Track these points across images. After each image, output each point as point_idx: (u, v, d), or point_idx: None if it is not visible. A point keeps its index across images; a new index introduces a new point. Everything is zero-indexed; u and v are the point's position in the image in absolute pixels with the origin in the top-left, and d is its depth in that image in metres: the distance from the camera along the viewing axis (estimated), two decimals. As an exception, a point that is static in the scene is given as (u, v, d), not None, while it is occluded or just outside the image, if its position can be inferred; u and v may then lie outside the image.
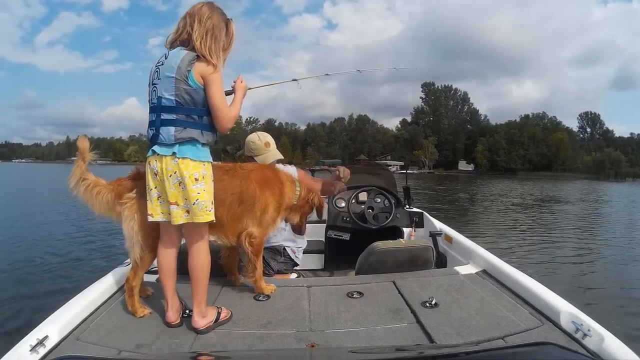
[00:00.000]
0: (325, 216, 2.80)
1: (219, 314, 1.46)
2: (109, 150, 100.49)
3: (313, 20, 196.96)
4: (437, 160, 73.76)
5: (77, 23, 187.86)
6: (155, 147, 1.41)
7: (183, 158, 1.38)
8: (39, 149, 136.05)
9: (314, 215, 1.99)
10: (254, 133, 2.35)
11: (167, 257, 1.50)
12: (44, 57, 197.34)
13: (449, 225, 2.74)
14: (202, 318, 1.41)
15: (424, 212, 2.95)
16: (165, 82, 1.39)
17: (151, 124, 1.44)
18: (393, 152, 71.65)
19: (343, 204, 2.83)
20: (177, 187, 1.39)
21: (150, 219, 1.44)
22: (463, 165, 74.75)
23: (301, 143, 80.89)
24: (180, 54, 1.40)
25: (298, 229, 1.93)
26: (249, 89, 1.60)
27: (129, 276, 1.53)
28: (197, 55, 1.39)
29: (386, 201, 2.84)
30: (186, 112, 1.39)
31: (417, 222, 2.86)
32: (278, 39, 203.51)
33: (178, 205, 1.40)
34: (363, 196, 2.85)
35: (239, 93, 1.54)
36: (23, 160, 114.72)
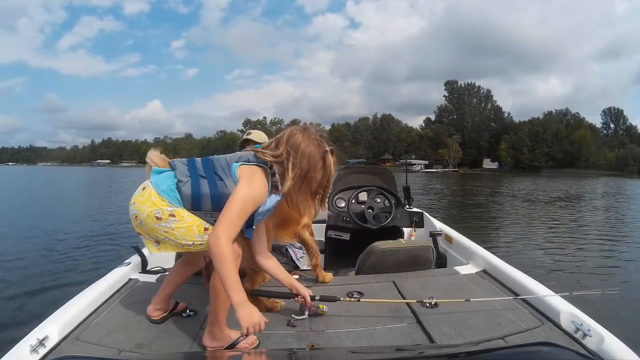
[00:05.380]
0: (325, 216, 2.80)
1: (237, 340, 1.30)
2: (134, 152, 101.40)
3: (336, 19, 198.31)
4: (461, 159, 73.72)
5: (99, 27, 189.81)
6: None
7: (149, 187, 1.24)
8: (63, 152, 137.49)
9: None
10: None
11: (182, 270, 1.51)
12: (66, 61, 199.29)
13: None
14: (212, 340, 1.30)
15: (424, 212, 2.95)
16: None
17: None
18: (417, 151, 71.60)
19: (343, 204, 2.83)
20: (133, 219, 1.27)
21: None
22: (487, 164, 74.61)
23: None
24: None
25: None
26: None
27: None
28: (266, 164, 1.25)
29: (386, 201, 2.84)
30: (203, 160, 1.27)
31: (417, 222, 2.86)
32: (301, 39, 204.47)
33: (144, 235, 1.28)
34: (363, 196, 2.85)
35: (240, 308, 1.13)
36: (48, 164, 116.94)
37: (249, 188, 1.19)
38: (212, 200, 1.21)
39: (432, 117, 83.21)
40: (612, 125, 77.47)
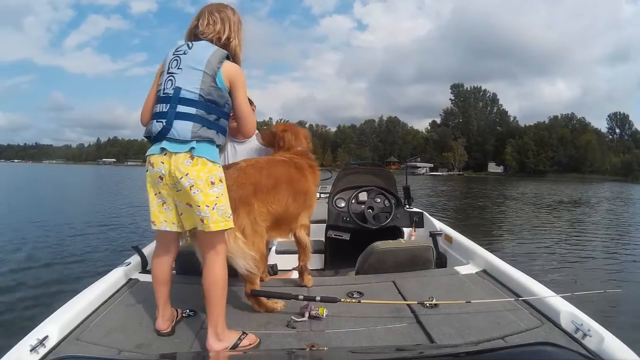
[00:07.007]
0: (325, 216, 2.80)
1: (240, 339, 1.30)
2: (140, 151, 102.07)
3: (343, 20, 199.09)
4: (466, 162, 73.84)
5: (106, 26, 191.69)
6: (165, 144, 1.27)
7: (199, 157, 1.26)
8: (69, 150, 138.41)
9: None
10: None
11: (162, 266, 1.42)
12: (73, 60, 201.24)
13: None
14: (218, 342, 1.27)
15: (424, 212, 2.95)
16: (188, 73, 1.29)
17: (159, 115, 1.29)
18: (423, 154, 71.55)
19: (343, 204, 2.83)
20: (187, 191, 1.25)
21: (152, 227, 1.35)
22: (492, 167, 74.53)
23: (331, 145, 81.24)
24: (211, 49, 1.33)
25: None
26: None
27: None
28: (227, 56, 1.36)
29: (386, 201, 2.84)
30: (208, 109, 1.29)
31: (417, 222, 2.85)
32: (308, 40, 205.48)
33: (190, 207, 1.28)
34: (363, 196, 2.85)
35: None
36: (53, 162, 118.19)
37: (246, 89, 1.41)
38: (226, 118, 1.38)
39: (438, 120, 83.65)
40: (617, 130, 77.15)
